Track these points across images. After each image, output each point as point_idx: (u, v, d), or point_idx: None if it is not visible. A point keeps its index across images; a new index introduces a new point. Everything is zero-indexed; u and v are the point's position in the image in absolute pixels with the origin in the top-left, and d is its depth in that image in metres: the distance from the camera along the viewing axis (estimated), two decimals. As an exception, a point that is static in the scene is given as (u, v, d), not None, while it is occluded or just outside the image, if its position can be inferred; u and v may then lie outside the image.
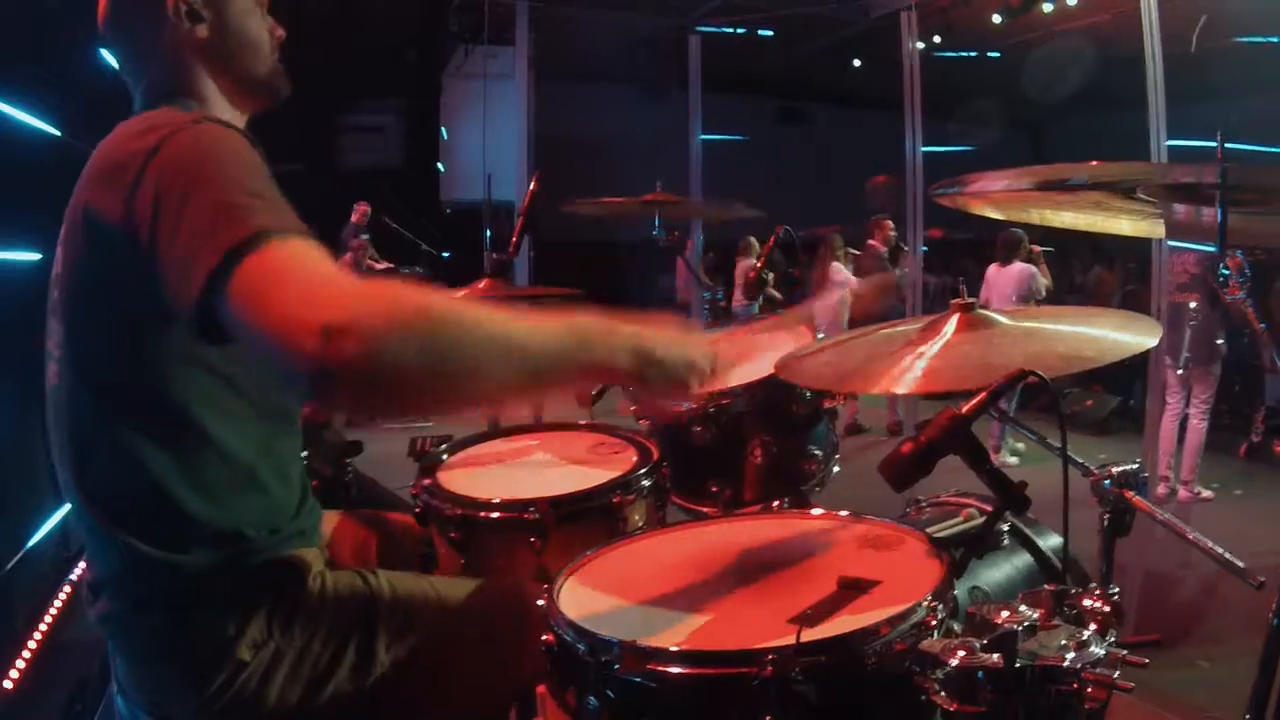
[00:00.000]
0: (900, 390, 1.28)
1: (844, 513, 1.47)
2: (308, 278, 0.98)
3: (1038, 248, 7.02)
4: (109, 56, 1.41)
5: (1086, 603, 1.07)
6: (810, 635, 1.03)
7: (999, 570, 1.49)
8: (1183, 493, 5.77)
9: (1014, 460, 6.62)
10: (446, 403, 1.03)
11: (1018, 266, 6.79)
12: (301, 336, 0.91)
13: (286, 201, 1.11)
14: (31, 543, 3.20)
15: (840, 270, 8.22)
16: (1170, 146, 4.13)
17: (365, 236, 9.48)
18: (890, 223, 7.95)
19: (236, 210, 1.04)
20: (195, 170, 1.10)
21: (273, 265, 0.99)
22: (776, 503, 1.91)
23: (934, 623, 1.06)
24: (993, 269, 6.97)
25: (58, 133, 3.27)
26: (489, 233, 9.40)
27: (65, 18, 3.27)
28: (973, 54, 10.46)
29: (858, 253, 8.34)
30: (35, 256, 3.01)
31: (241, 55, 1.40)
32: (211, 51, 1.37)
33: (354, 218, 9.47)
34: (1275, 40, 8.39)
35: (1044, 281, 6.89)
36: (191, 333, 1.06)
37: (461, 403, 1.04)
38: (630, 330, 1.18)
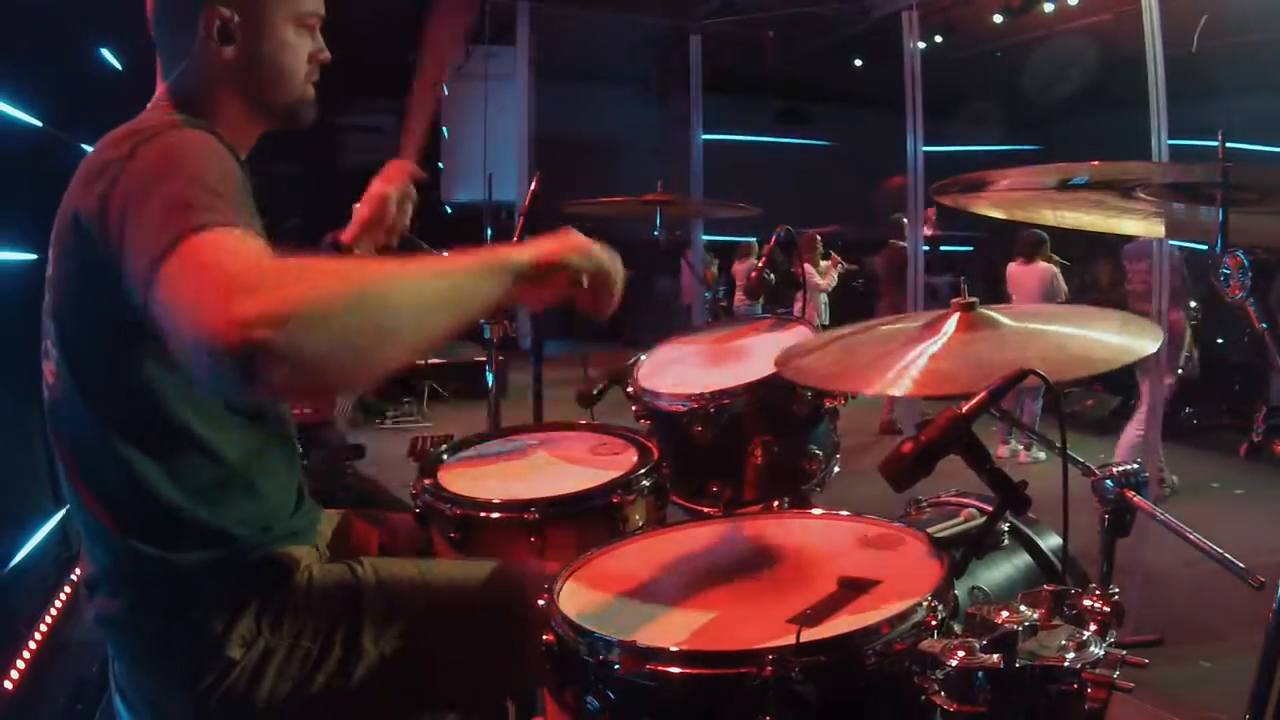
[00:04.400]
0: (912, 392, 1.27)
1: (844, 513, 1.47)
2: (228, 265, 0.94)
3: (1056, 256, 7.00)
4: (108, 54, 1.41)
5: (1086, 603, 1.07)
6: (810, 635, 1.03)
7: (999, 570, 1.49)
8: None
9: (1043, 456, 6.53)
10: (370, 372, 1.01)
11: (1041, 265, 6.71)
12: (219, 329, 0.88)
13: (251, 207, 1.11)
14: (32, 542, 3.20)
15: (811, 272, 8.26)
16: (1171, 146, 4.13)
17: None
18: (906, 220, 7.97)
19: (190, 205, 1.02)
20: (159, 172, 1.10)
21: (198, 253, 0.96)
22: (777, 503, 1.91)
23: (934, 623, 1.06)
24: (1014, 267, 6.86)
25: (39, 123, 3.25)
26: (490, 232, 9.42)
27: (57, 11, 3.27)
28: (974, 54, 10.45)
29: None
30: (34, 256, 3.01)
31: (266, 84, 1.39)
32: (235, 74, 1.36)
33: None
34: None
35: (1064, 285, 6.88)
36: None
37: (384, 369, 1.03)
38: (516, 248, 1.19)
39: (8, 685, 2.63)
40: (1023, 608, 1.00)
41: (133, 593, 1.29)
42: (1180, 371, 5.73)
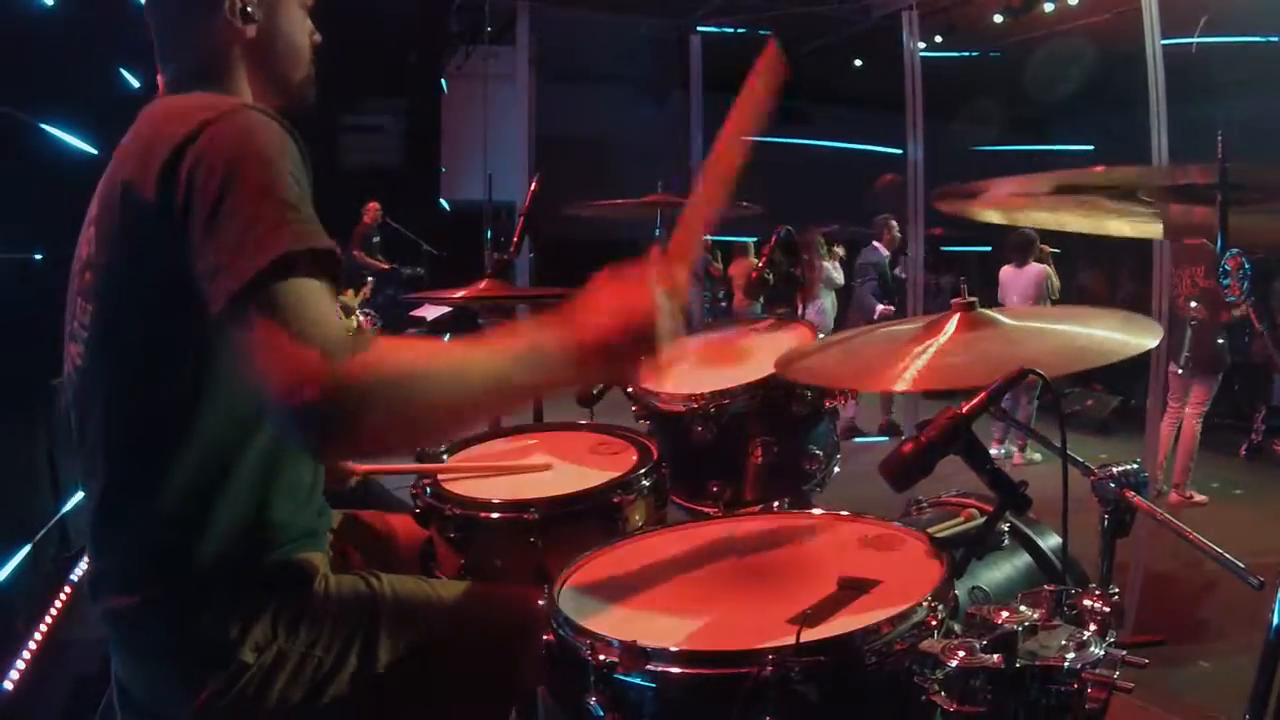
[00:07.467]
0: (928, 387, 1.27)
1: (844, 513, 1.47)
2: (308, 337, 1.02)
3: (1047, 248, 7.01)
4: (129, 76, 1.42)
5: (1086, 603, 1.07)
6: (810, 635, 1.03)
7: (999, 570, 1.49)
8: (1173, 496, 5.66)
9: (1038, 457, 6.54)
10: (418, 445, 1.10)
11: (1034, 268, 6.73)
12: (291, 403, 0.99)
13: (311, 207, 1.14)
14: (32, 542, 3.20)
15: (826, 267, 8.25)
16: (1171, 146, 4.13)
17: (376, 240, 9.60)
18: (895, 223, 7.94)
19: (270, 225, 1.07)
20: (234, 164, 1.11)
21: (280, 313, 1.04)
22: (777, 503, 1.91)
23: (934, 623, 1.06)
24: (1007, 270, 6.88)
25: (94, 151, 3.36)
26: (490, 232, 9.43)
27: (91, 39, 3.33)
28: (974, 54, 10.45)
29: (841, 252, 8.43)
30: (38, 257, 3.02)
31: (282, 60, 1.43)
32: (254, 51, 1.39)
33: (366, 218, 9.56)
34: (1276, 40, 8.39)
35: (1056, 282, 6.89)
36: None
37: (432, 442, 1.12)
38: (580, 336, 1.17)
39: (8, 685, 2.64)
40: (1023, 608, 1.00)
41: (146, 589, 1.28)
42: (1180, 371, 5.75)
